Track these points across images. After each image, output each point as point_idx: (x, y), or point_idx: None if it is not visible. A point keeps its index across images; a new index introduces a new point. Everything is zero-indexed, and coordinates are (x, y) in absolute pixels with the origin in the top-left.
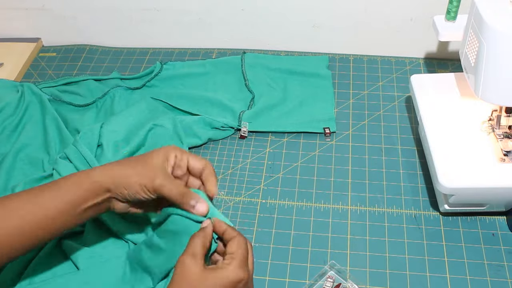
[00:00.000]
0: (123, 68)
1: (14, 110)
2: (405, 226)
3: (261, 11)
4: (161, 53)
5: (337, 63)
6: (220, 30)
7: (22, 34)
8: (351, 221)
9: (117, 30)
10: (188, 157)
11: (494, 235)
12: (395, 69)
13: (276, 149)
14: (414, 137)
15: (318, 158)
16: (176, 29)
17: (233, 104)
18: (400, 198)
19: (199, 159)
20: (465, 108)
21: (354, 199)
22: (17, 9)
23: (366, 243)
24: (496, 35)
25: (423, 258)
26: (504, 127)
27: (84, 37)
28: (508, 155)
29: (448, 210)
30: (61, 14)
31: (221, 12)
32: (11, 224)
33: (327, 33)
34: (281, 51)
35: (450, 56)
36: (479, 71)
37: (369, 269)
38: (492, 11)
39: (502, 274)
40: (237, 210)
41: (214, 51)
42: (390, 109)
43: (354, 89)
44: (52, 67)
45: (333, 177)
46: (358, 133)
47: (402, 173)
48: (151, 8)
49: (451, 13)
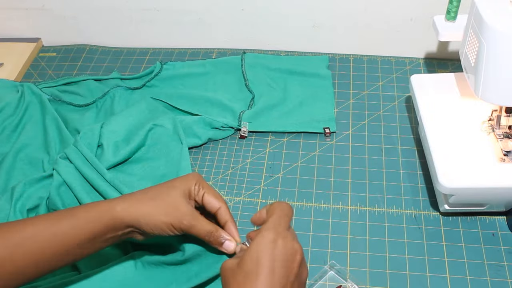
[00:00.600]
0: (123, 68)
1: (14, 110)
2: (405, 226)
3: (261, 11)
4: (161, 53)
5: (337, 63)
6: (220, 30)
7: (22, 34)
8: (351, 221)
9: (117, 30)
10: (204, 193)
11: (494, 235)
12: (395, 69)
13: (276, 149)
14: (414, 137)
15: (318, 158)
16: (176, 29)
17: (233, 104)
18: (400, 198)
19: (216, 200)
20: (465, 108)
21: (354, 199)
22: (17, 9)
23: (366, 243)
24: (496, 35)
25: (423, 258)
26: (504, 127)
27: (84, 37)
28: (508, 155)
29: (448, 210)
30: (61, 14)
31: (221, 12)
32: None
33: (327, 33)
34: (281, 51)
35: (450, 56)
36: (479, 71)
37: (369, 269)
38: (492, 11)
39: (502, 274)
40: (237, 210)
41: (214, 51)
42: (390, 109)
43: (354, 89)
44: (52, 67)
45: (333, 177)
46: (358, 133)
47: (402, 173)
48: (151, 8)
49: (451, 13)
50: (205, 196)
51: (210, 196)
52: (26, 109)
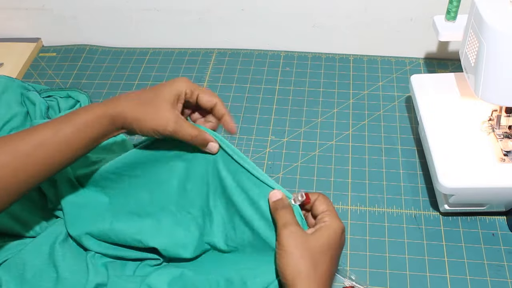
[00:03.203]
0: (123, 68)
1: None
2: (405, 226)
3: (261, 11)
4: (161, 53)
5: (337, 63)
6: (220, 30)
7: (22, 34)
8: (351, 221)
9: (117, 30)
10: (198, 94)
11: (494, 235)
12: (395, 69)
13: (276, 149)
14: (414, 137)
15: (318, 158)
16: (176, 29)
17: None
18: (400, 198)
19: (210, 97)
20: (465, 108)
21: (354, 199)
22: (17, 9)
23: (366, 243)
24: (496, 35)
25: (423, 258)
26: (504, 127)
27: (84, 37)
28: (508, 155)
29: (448, 210)
30: (61, 14)
31: (221, 12)
32: (37, 158)
33: (327, 33)
34: (281, 51)
35: (450, 56)
36: (479, 71)
37: (369, 269)
38: (492, 11)
39: (502, 274)
40: None
41: (214, 51)
42: (390, 109)
43: (354, 89)
44: (52, 67)
45: (333, 177)
46: (358, 133)
47: (402, 173)
48: (151, 8)
49: (451, 13)
50: (200, 95)
51: (205, 94)
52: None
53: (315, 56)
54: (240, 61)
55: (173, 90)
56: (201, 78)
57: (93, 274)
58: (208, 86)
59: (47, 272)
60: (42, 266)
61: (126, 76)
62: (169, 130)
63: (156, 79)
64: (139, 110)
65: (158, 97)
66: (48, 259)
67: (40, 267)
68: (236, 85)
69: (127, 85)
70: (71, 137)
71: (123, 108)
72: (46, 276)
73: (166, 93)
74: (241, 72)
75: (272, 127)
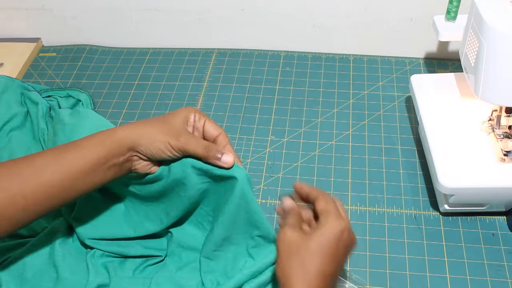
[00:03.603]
0: (123, 68)
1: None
2: (405, 226)
3: (261, 11)
4: (161, 53)
5: (337, 63)
6: (220, 30)
7: (22, 34)
8: (351, 221)
9: (117, 30)
10: (205, 120)
11: (494, 235)
12: (395, 69)
13: (276, 149)
14: (414, 137)
15: (318, 158)
16: (176, 29)
17: None
18: (400, 198)
19: (216, 126)
20: (465, 108)
21: (354, 199)
22: (17, 9)
23: (366, 243)
24: (496, 35)
25: (423, 258)
26: (504, 127)
27: (84, 37)
28: (508, 155)
29: (448, 210)
30: (61, 14)
31: (221, 12)
32: (36, 184)
33: (327, 33)
34: (281, 51)
35: (450, 56)
36: (479, 71)
37: (369, 269)
38: (492, 11)
39: (502, 274)
40: None
41: (214, 51)
42: (390, 109)
43: (354, 89)
44: (52, 67)
45: (333, 177)
46: (358, 133)
47: (402, 173)
48: (151, 8)
49: (451, 13)
50: (206, 123)
51: (211, 123)
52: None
53: (315, 56)
54: (240, 61)
55: (183, 112)
56: (201, 78)
57: (94, 275)
58: (208, 86)
59: (47, 272)
60: (42, 266)
61: (126, 76)
62: (182, 141)
63: (156, 79)
64: (150, 125)
65: (167, 117)
66: (48, 259)
67: (40, 267)
68: (236, 85)
69: (127, 85)
70: (71, 160)
71: (131, 128)
72: (46, 276)
73: (175, 114)
74: (241, 72)
75: (272, 127)
